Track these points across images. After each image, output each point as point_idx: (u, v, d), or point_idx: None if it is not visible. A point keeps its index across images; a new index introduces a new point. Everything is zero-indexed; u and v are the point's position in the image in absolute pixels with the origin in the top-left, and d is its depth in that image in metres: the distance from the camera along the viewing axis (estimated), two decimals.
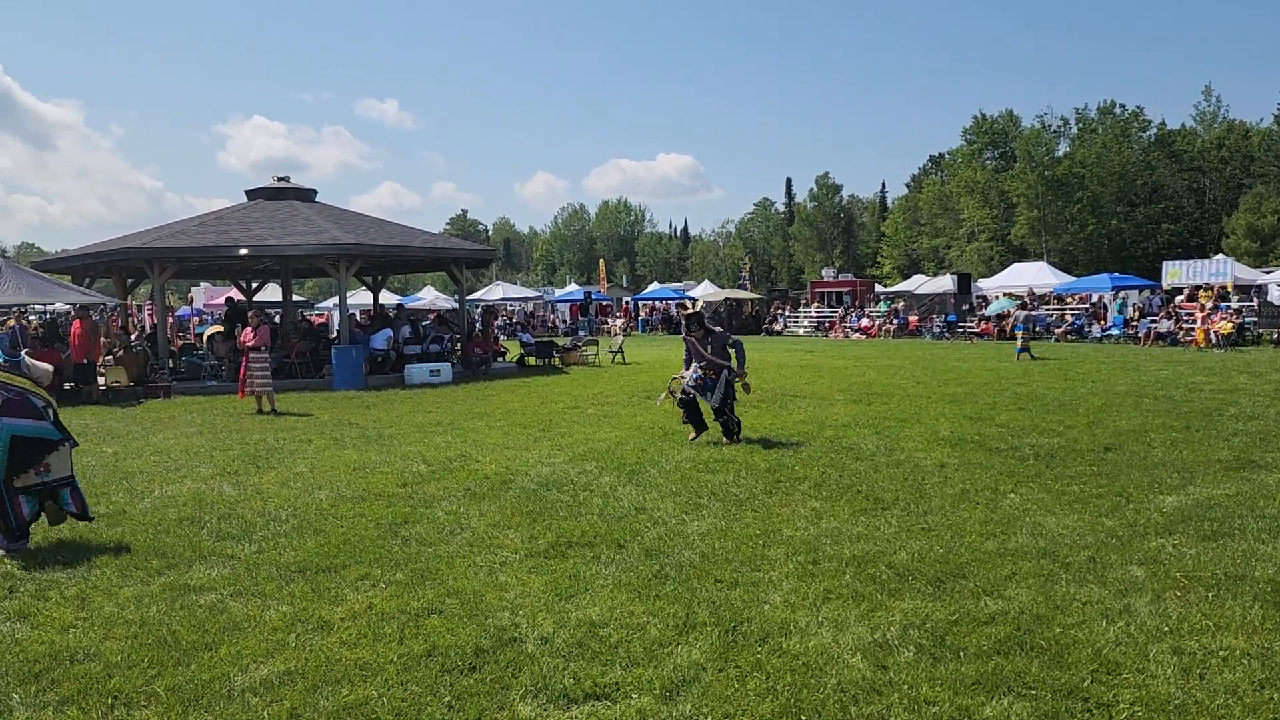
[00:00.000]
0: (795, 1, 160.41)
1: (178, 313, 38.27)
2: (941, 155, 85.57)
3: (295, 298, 29.54)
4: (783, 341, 38.68)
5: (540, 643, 4.94)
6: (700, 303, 18.80)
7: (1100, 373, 19.42)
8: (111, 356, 20.13)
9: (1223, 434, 11.03)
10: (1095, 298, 36.89)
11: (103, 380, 18.84)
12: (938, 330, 37.76)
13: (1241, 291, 32.31)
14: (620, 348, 27.19)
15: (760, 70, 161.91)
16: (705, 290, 56.96)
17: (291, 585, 5.99)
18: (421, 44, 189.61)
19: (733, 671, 4.55)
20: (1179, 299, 32.85)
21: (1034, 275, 42.53)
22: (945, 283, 42.52)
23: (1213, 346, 26.08)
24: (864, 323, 40.92)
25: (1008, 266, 50.34)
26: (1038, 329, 29.56)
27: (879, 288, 53.62)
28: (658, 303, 55.30)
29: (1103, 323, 33.07)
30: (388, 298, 40.27)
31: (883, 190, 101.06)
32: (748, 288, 61.51)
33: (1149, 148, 63.78)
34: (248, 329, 15.97)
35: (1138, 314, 32.17)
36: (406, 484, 9.16)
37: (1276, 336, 27.27)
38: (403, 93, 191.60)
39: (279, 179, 25.49)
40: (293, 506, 8.25)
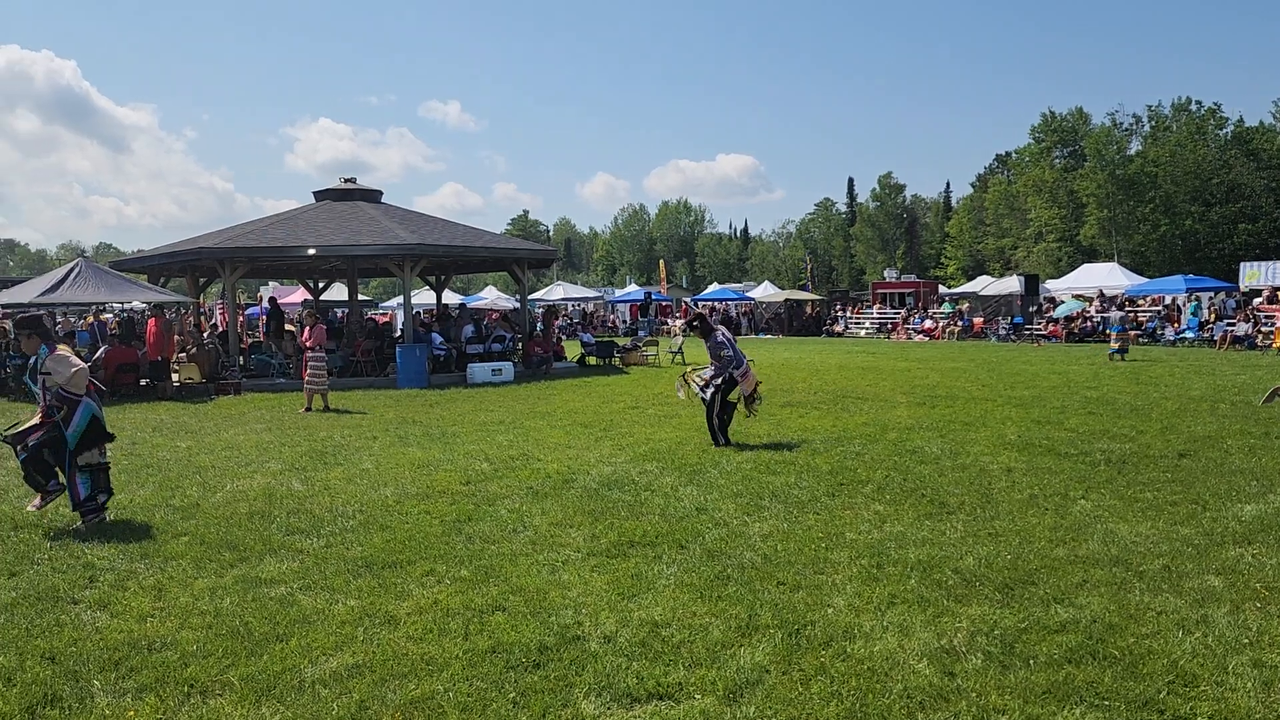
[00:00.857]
0: (857, 2, 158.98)
1: (247, 311, 39.18)
2: (1008, 154, 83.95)
3: (360, 297, 30.00)
4: (844, 343, 38.33)
5: (603, 641, 4.96)
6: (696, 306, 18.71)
7: (1174, 377, 18.89)
8: (185, 354, 20.75)
9: None
10: (1169, 300, 35.86)
11: (176, 377, 19.42)
12: (1003, 332, 37.02)
13: None
14: (680, 348, 27.21)
15: (821, 70, 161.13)
16: (765, 291, 56.75)
17: (359, 580, 6.09)
18: (484, 46, 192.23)
19: (796, 674, 4.51)
20: (1257, 301, 31.82)
21: (1104, 276, 41.55)
22: (1012, 284, 41.66)
23: None
24: (927, 324, 40.31)
25: (1077, 268, 49.22)
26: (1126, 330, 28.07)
27: (943, 289, 52.77)
28: (718, 303, 55.16)
29: (1176, 325, 32.13)
30: (450, 297, 40.71)
31: (947, 190, 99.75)
32: (810, 288, 61.04)
33: (1225, 145, 61.78)
34: (305, 329, 16.31)
35: (1213, 316, 31.19)
36: (470, 482, 9.26)
37: None
38: (465, 95, 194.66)
39: (345, 180, 25.92)
40: (359, 502, 8.40)
